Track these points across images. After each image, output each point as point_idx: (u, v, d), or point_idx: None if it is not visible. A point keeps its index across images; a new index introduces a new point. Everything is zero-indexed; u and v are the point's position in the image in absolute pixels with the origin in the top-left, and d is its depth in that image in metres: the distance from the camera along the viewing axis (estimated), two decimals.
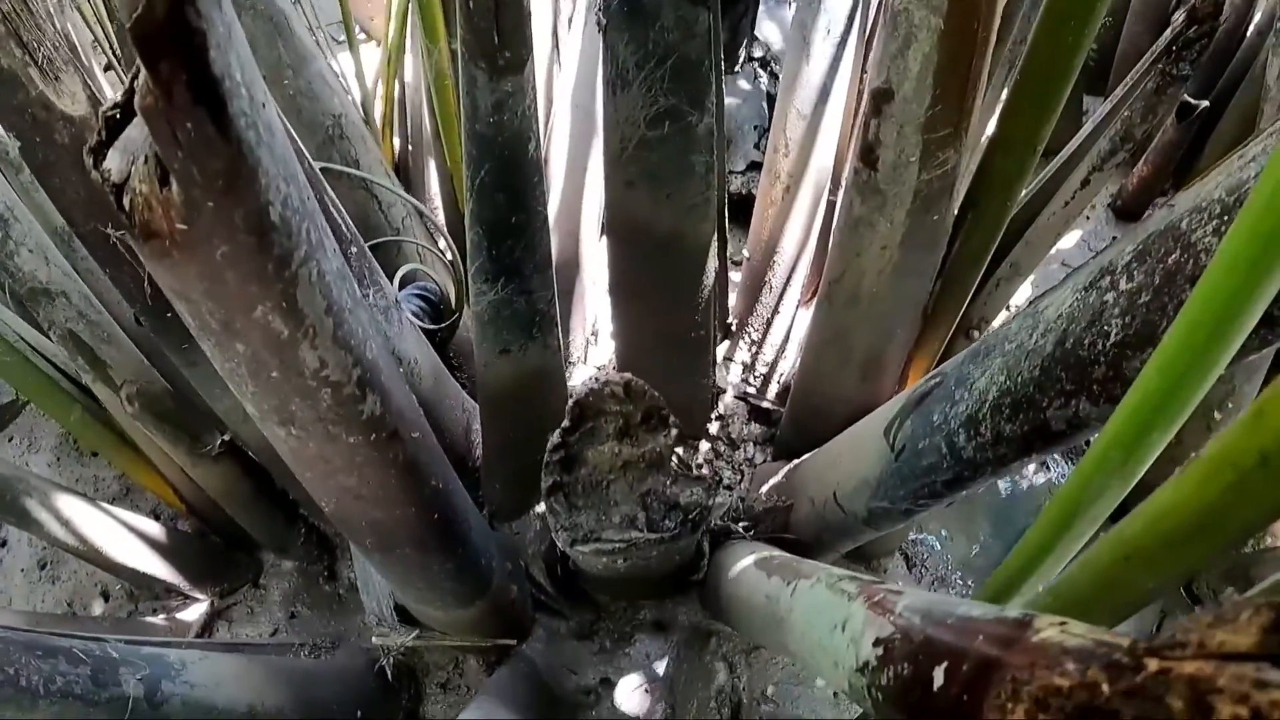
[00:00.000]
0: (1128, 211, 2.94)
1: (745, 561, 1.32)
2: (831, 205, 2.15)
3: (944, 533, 2.28)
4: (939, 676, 0.49)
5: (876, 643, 0.63)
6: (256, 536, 2.05)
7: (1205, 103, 2.04)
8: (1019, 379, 1.00)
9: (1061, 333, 0.95)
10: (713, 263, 1.81)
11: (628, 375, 0.97)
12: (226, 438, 1.74)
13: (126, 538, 1.86)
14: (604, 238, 1.91)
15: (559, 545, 1.05)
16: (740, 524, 1.67)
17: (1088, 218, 2.96)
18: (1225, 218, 0.83)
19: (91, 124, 1.11)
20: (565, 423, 0.98)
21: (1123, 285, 0.90)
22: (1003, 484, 2.41)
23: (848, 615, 0.74)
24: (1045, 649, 0.42)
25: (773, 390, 2.19)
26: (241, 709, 1.40)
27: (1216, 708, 0.31)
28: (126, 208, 0.51)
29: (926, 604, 0.61)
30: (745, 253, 2.23)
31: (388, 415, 0.87)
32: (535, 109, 1.22)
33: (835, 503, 1.46)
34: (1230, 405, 2.07)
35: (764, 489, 1.80)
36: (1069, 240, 2.91)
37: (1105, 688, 0.36)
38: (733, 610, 1.34)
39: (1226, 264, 0.52)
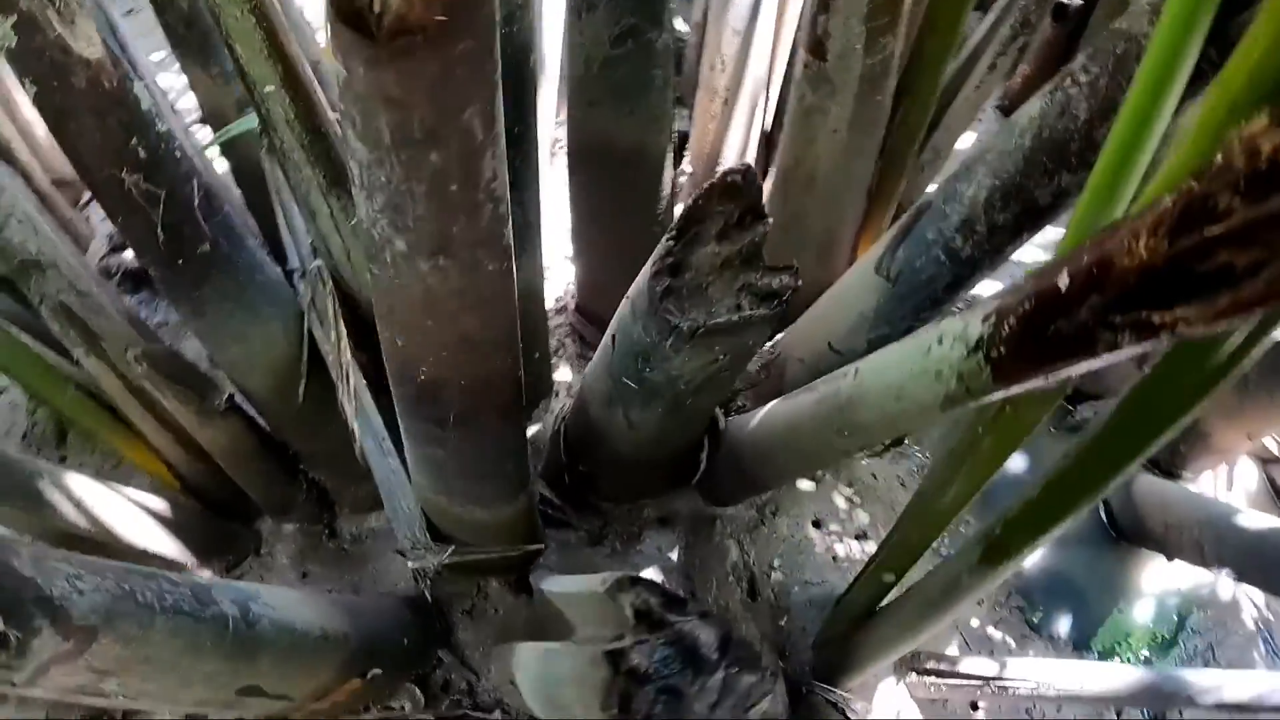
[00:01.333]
0: (1013, 110, 3.19)
1: (767, 408, 1.46)
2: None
3: None
4: (1063, 280, 0.61)
5: (985, 319, 0.76)
6: (258, 499, 2.08)
7: (1078, 1, 2.28)
8: (1005, 175, 1.18)
9: (1037, 129, 1.13)
10: (669, 173, 1.93)
11: (743, 166, 1.07)
12: (231, 392, 1.78)
13: (137, 516, 1.87)
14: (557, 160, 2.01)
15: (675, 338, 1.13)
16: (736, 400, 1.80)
17: (979, 120, 3.20)
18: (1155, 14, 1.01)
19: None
20: (672, 231, 1.09)
21: (1083, 79, 1.08)
22: None
23: (939, 333, 0.88)
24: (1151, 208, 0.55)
25: None
26: (316, 632, 1.46)
27: None
28: (376, 8, 0.58)
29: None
30: (688, 167, 2.36)
31: (511, 242, 0.96)
32: (539, 23, 1.32)
33: (831, 350, 1.61)
34: None
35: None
36: (964, 141, 3.14)
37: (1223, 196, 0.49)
38: (767, 448, 1.48)
39: (1164, 33, 0.70)
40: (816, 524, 2.11)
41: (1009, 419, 1.26)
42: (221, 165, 2.38)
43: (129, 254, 2.60)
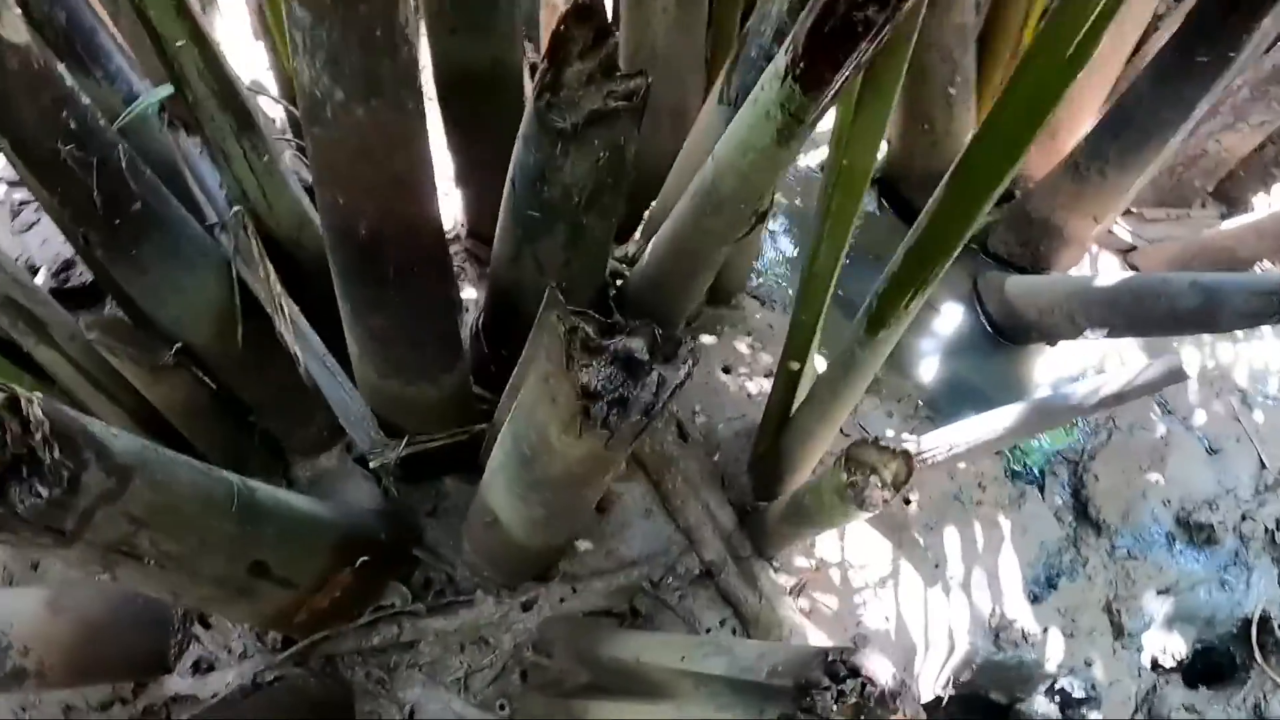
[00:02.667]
0: None
1: (654, 238, 1.71)
2: None
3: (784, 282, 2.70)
4: None
5: (785, 50, 1.06)
6: (215, 457, 2.21)
7: None
8: None
9: None
10: (529, 87, 2.16)
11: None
12: (179, 346, 1.94)
13: None
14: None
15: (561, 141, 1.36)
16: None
17: None
18: None
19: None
20: (545, 56, 1.32)
21: None
22: None
23: (761, 82, 1.15)
24: None
25: None
26: (309, 510, 1.64)
27: None
28: None
29: None
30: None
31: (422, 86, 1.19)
32: None
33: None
34: None
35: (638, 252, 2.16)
36: None
37: None
38: (660, 270, 1.73)
39: None
40: (726, 369, 2.34)
41: (847, 171, 1.50)
42: None
43: (78, 270, 2.74)
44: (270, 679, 1.95)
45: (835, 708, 1.17)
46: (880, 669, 1.20)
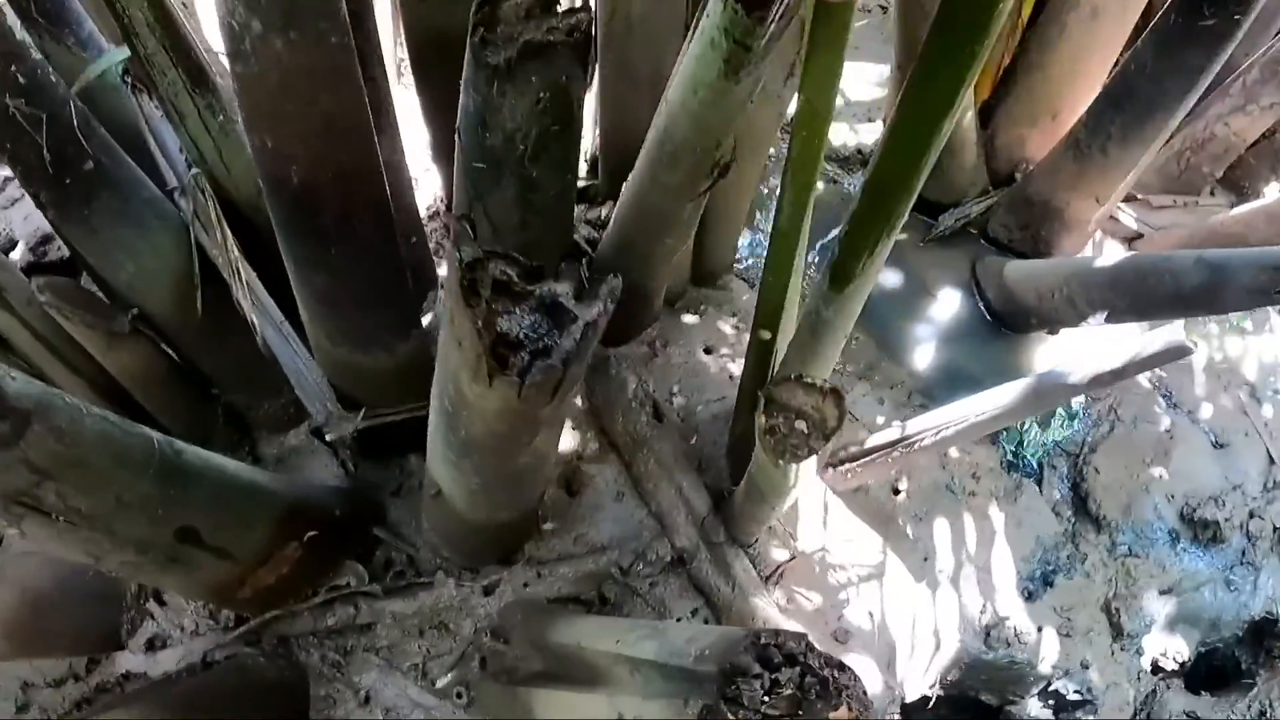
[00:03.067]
0: None
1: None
2: None
3: None
4: None
5: None
6: (175, 429, 2.14)
7: None
8: None
9: None
10: None
11: None
12: (135, 312, 1.88)
13: None
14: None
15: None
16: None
17: None
18: None
19: None
20: None
21: None
22: None
23: (705, 12, 1.06)
24: None
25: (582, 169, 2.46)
26: (245, 478, 1.57)
27: None
28: None
29: None
30: None
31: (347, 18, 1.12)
32: None
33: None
34: None
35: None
36: None
37: None
38: (625, 232, 1.63)
39: None
40: (708, 350, 2.25)
41: (807, 109, 1.40)
42: None
43: (56, 244, 2.70)
44: (221, 658, 1.88)
45: (766, 700, 1.05)
46: (821, 657, 1.10)
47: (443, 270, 2.39)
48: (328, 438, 1.88)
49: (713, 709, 1.05)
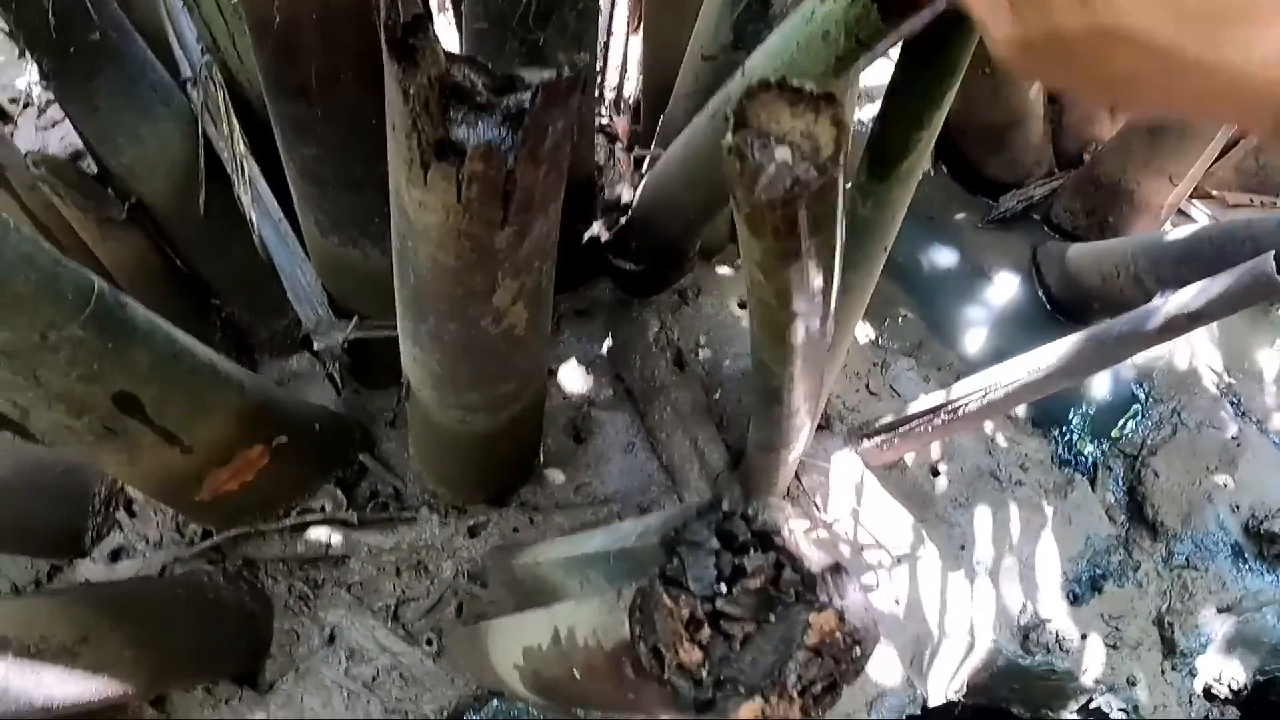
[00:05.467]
0: None
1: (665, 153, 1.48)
2: None
3: None
4: None
5: None
6: None
7: None
8: None
9: None
10: None
11: None
12: (133, 200, 1.77)
13: None
14: None
15: None
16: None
17: None
18: None
19: None
20: None
21: None
22: None
23: None
24: None
25: (624, 116, 2.31)
26: (203, 357, 1.42)
27: None
28: None
29: None
30: None
31: None
32: None
33: (704, 60, 1.62)
34: None
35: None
36: None
37: None
38: (668, 190, 1.49)
39: None
40: (742, 305, 2.08)
41: None
42: None
43: (86, 162, 2.64)
44: (179, 572, 1.73)
45: (722, 587, 0.81)
46: (810, 548, 0.86)
47: None
48: (316, 346, 1.73)
49: (647, 595, 0.80)
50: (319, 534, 1.77)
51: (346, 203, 1.52)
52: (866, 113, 2.66)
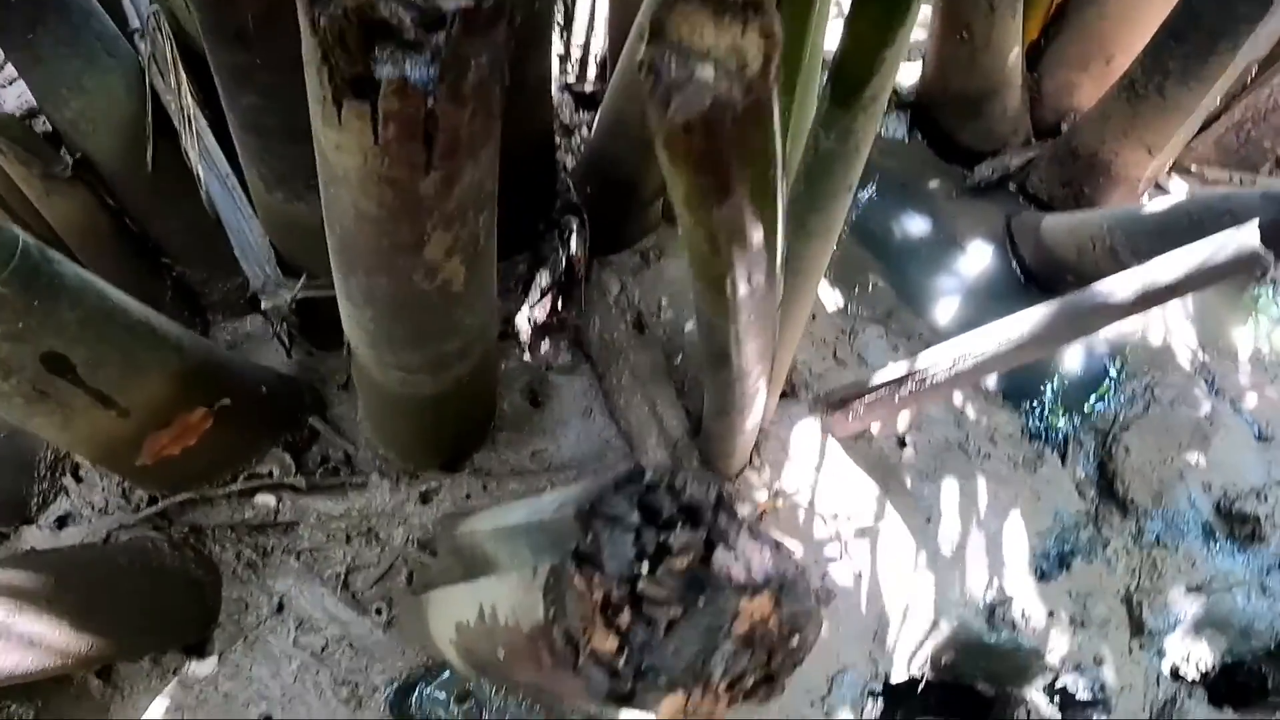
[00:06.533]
0: None
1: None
2: None
3: None
4: None
5: None
6: None
7: None
8: None
9: None
10: None
11: None
12: (78, 156, 1.72)
13: None
14: None
15: None
16: None
17: None
18: None
19: None
20: None
21: None
22: None
23: None
24: None
25: (591, 73, 2.26)
26: (137, 315, 1.37)
27: None
28: None
29: None
30: None
31: None
32: None
33: None
34: None
35: None
36: None
37: None
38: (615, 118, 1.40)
39: None
40: None
41: None
42: None
43: (41, 120, 2.58)
44: (125, 539, 1.69)
45: (643, 566, 0.74)
46: (743, 523, 0.80)
47: None
48: (264, 306, 1.69)
49: (559, 573, 0.74)
50: (267, 500, 1.73)
51: (290, 155, 1.47)
52: None
